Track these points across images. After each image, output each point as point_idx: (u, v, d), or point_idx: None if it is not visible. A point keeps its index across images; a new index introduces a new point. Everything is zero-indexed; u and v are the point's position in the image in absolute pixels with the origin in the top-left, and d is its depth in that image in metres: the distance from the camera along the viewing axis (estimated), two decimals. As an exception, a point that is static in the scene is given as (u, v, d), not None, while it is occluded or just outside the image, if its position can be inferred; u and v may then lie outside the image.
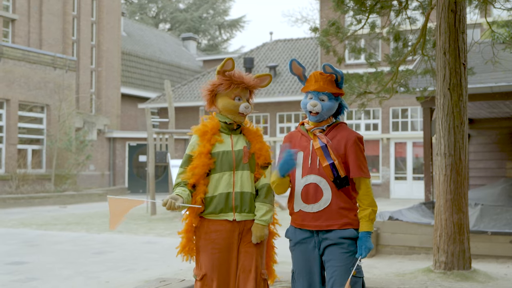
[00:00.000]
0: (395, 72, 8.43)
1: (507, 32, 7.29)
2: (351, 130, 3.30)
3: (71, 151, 21.87)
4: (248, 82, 3.40)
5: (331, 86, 3.26)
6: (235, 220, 3.32)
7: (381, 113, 24.14)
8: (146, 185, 21.98)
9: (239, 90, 3.38)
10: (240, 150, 3.37)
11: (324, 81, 3.25)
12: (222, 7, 52.23)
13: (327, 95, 3.24)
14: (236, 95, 3.38)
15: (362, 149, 3.26)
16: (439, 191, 6.66)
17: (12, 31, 23.54)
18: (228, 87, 3.36)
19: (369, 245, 3.14)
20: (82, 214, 15.68)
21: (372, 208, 3.19)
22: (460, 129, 6.59)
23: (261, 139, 3.47)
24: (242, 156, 3.36)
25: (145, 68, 32.63)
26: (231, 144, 3.38)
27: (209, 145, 3.34)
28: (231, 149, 3.36)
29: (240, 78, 3.38)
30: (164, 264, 7.94)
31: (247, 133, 3.49)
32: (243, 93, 3.41)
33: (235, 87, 3.37)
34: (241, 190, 3.32)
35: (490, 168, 13.19)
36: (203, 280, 3.29)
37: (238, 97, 3.39)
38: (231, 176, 3.33)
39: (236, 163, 3.34)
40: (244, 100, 3.41)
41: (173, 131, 16.10)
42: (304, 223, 3.23)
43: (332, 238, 3.17)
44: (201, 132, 3.39)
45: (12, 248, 9.42)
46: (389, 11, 8.34)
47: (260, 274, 3.31)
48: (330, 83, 3.27)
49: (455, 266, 6.53)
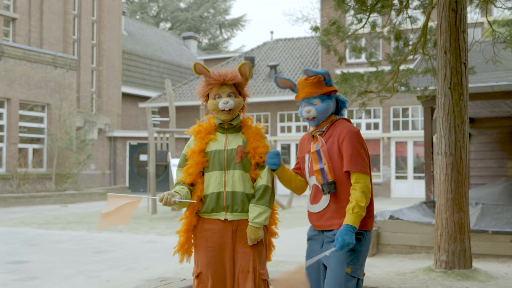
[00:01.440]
0: (396, 71, 8.42)
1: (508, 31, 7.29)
2: (346, 125, 3.26)
3: (72, 150, 21.88)
4: (223, 78, 3.37)
5: (319, 88, 3.28)
6: (226, 219, 3.33)
7: (381, 112, 24.14)
8: (147, 184, 21.99)
9: (216, 89, 3.39)
10: (233, 149, 3.37)
11: (310, 86, 3.28)
12: (223, 6, 52.23)
13: (318, 97, 3.28)
14: (215, 93, 3.39)
15: (355, 142, 3.18)
16: (440, 190, 6.66)
17: (13, 30, 23.55)
18: (206, 88, 3.41)
19: (348, 239, 3.02)
20: (83, 213, 15.69)
21: (358, 202, 3.07)
22: (461, 128, 6.58)
23: (259, 138, 3.42)
24: (234, 156, 3.35)
25: (145, 67, 32.63)
26: (225, 143, 3.38)
27: (203, 143, 3.38)
28: (224, 148, 3.37)
29: (214, 76, 3.39)
30: (165, 263, 7.94)
31: (246, 131, 3.47)
32: (222, 91, 3.38)
33: (212, 87, 3.40)
34: (233, 190, 3.31)
35: (491, 167, 13.18)
36: (199, 277, 3.32)
37: (217, 95, 3.39)
38: (222, 176, 3.33)
39: (227, 162, 3.34)
40: (224, 96, 3.37)
41: (173, 130, 16.11)
42: (312, 222, 3.35)
43: (330, 236, 3.20)
44: (196, 131, 3.44)
45: (13, 247, 9.42)
46: (390, 10, 8.34)
47: (260, 274, 3.30)
48: (317, 85, 3.28)
49: (456, 265, 6.53)
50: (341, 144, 3.19)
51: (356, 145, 3.17)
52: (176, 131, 16.15)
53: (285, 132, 25.91)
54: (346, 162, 3.16)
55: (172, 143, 16.02)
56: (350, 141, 3.17)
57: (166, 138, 16.20)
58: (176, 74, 34.87)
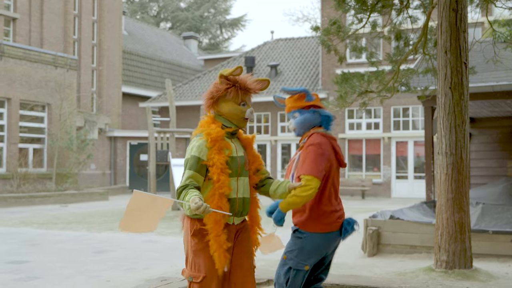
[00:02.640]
0: (396, 71, 8.42)
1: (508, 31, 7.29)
2: (310, 138, 3.63)
3: (72, 150, 21.88)
4: (254, 88, 3.37)
5: (297, 103, 3.73)
6: (233, 223, 3.34)
7: (382, 112, 24.13)
8: (147, 184, 21.99)
9: (242, 95, 3.35)
10: (242, 157, 3.36)
11: (290, 102, 3.77)
12: (223, 6, 52.23)
13: (297, 111, 3.73)
14: (242, 100, 3.35)
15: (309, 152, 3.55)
16: (440, 190, 6.66)
17: (13, 30, 23.55)
18: (235, 93, 3.32)
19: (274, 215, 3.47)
20: (83, 213, 15.69)
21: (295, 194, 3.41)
22: (462, 128, 6.58)
23: (252, 146, 3.52)
24: (244, 163, 3.36)
25: (146, 67, 32.63)
26: (235, 149, 3.36)
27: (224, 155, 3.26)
28: (236, 155, 3.34)
29: (244, 83, 3.35)
30: (165, 263, 7.94)
31: (241, 138, 3.47)
32: (248, 98, 3.38)
33: (242, 93, 3.35)
34: (243, 196, 3.33)
35: (491, 167, 13.18)
36: (203, 282, 3.24)
37: (243, 102, 3.35)
38: (235, 182, 3.31)
39: (240, 169, 3.33)
40: (249, 105, 3.38)
41: (174, 130, 16.11)
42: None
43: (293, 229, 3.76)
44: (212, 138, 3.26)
45: (13, 247, 9.42)
46: (390, 10, 8.33)
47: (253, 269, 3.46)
48: (297, 100, 3.73)
49: (456, 265, 6.53)
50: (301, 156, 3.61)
51: (310, 154, 3.55)
52: (177, 131, 16.15)
53: (285, 132, 25.90)
54: (299, 168, 3.56)
55: (172, 143, 16.02)
56: (306, 152, 3.58)
57: (166, 138, 16.20)
58: (177, 74, 34.87)
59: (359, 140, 24.46)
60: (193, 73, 35.94)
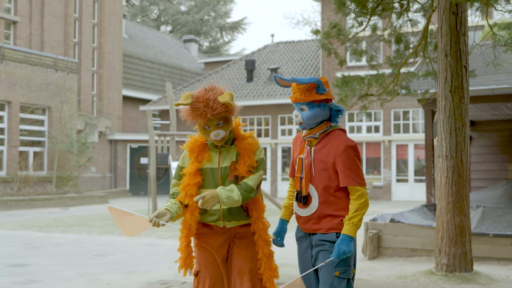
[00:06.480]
0: (396, 74, 8.43)
1: (508, 34, 7.30)
2: (343, 138, 3.28)
3: (73, 153, 21.88)
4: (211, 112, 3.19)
5: (308, 95, 3.26)
6: (225, 227, 3.38)
7: (382, 115, 24.14)
8: (147, 187, 21.99)
9: (205, 120, 3.23)
10: (226, 167, 3.32)
11: (299, 92, 3.28)
12: (224, 9, 52.29)
13: (306, 104, 3.28)
14: (205, 124, 3.25)
15: (352, 156, 3.23)
16: (440, 193, 6.66)
17: (14, 33, 23.58)
18: (193, 119, 3.26)
19: (344, 247, 3.11)
20: (84, 216, 15.68)
21: (357, 213, 3.16)
22: (462, 131, 6.59)
23: (250, 153, 3.33)
24: (228, 174, 3.32)
25: (146, 70, 32.65)
26: (218, 160, 3.34)
27: (197, 163, 3.33)
28: (217, 167, 3.33)
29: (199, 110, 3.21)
30: (165, 266, 7.94)
31: (238, 144, 3.37)
32: (210, 121, 3.24)
33: (201, 119, 3.24)
34: (229, 207, 3.31)
35: (491, 170, 13.18)
36: (198, 276, 3.42)
37: (206, 126, 3.26)
38: None
39: (222, 180, 3.32)
40: (214, 128, 3.24)
41: (174, 133, 16.11)
42: (299, 223, 3.41)
43: (316, 240, 3.28)
44: (189, 148, 3.38)
45: (13, 250, 9.42)
46: (390, 13, 8.34)
47: (257, 275, 3.34)
48: (307, 92, 3.26)
49: (456, 268, 6.52)
50: (337, 158, 3.23)
51: (353, 159, 3.23)
52: (177, 134, 16.16)
53: (285, 135, 25.90)
54: (344, 177, 3.21)
55: (172, 146, 16.02)
56: (347, 156, 3.22)
57: (166, 141, 16.21)
58: (177, 77, 34.88)
59: (360, 143, 24.45)
60: (194, 76, 35.95)
